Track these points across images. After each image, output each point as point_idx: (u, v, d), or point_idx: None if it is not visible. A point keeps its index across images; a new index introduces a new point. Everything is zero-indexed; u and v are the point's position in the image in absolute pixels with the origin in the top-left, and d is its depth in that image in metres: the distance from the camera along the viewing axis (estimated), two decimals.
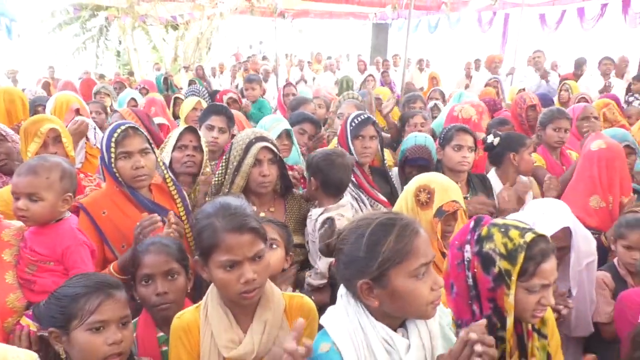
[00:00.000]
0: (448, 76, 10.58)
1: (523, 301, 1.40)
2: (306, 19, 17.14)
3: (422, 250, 1.25)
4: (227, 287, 1.41)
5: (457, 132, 2.83)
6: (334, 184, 2.36)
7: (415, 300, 1.24)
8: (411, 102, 4.85)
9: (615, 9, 11.51)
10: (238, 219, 1.41)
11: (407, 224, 1.27)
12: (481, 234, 1.44)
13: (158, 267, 1.77)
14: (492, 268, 1.40)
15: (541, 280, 1.40)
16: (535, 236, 1.40)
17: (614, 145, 2.75)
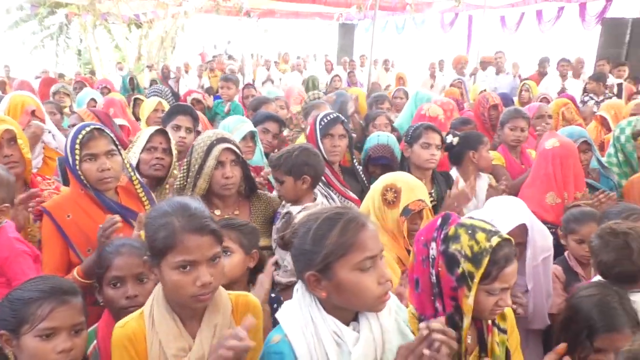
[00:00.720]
0: (414, 76, 10.75)
1: (482, 302, 1.43)
2: (272, 18, 17.10)
3: (368, 243, 1.27)
4: (180, 290, 1.35)
5: (426, 130, 2.89)
6: (321, 174, 2.41)
7: (360, 292, 1.26)
8: (379, 102, 4.91)
9: (572, 12, 11.94)
10: (198, 219, 1.37)
11: (352, 218, 1.29)
12: (448, 233, 1.45)
13: (129, 269, 1.73)
14: (456, 269, 1.42)
15: (502, 284, 1.42)
16: (501, 240, 1.42)
17: (567, 143, 2.86)
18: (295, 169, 2.33)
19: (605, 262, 1.82)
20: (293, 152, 2.36)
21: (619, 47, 9.04)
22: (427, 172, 2.87)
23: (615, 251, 1.78)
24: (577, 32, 11.84)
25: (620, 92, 7.08)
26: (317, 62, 14.78)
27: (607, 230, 1.84)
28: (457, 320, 1.44)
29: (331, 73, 9.69)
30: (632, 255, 1.74)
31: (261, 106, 4.19)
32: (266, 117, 3.48)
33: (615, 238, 1.80)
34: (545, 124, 3.81)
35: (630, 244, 1.75)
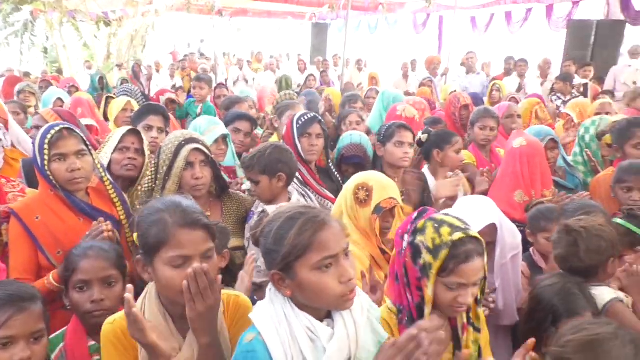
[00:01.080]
0: (386, 76, 10.83)
1: (441, 296, 1.46)
2: (245, 17, 17.00)
3: (327, 243, 1.26)
4: (174, 286, 1.33)
5: (398, 129, 2.91)
6: (295, 171, 2.42)
7: (321, 292, 1.26)
8: (352, 101, 4.93)
9: (539, 14, 12.22)
10: (191, 215, 1.37)
11: (311, 217, 1.28)
12: (417, 226, 1.50)
13: (95, 273, 1.70)
14: (418, 259, 1.47)
15: (459, 279, 1.45)
16: (465, 236, 1.44)
17: (534, 142, 2.92)
18: (270, 167, 2.32)
19: (558, 256, 1.91)
20: (265, 150, 2.35)
21: (585, 48, 9.29)
22: (399, 171, 2.90)
23: (566, 247, 1.86)
24: (545, 33, 12.12)
25: (585, 92, 7.27)
26: (291, 61, 14.75)
27: (563, 226, 1.91)
28: (423, 310, 1.48)
29: (305, 72, 9.68)
30: (579, 253, 1.81)
31: (233, 106, 4.16)
32: (237, 116, 3.47)
33: (567, 235, 1.87)
34: (514, 123, 3.88)
35: (579, 243, 1.82)
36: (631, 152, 2.92)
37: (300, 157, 2.74)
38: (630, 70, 7.75)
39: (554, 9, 11.76)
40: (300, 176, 2.73)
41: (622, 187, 2.59)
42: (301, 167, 2.73)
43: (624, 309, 1.79)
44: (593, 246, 1.81)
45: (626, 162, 2.73)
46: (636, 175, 2.56)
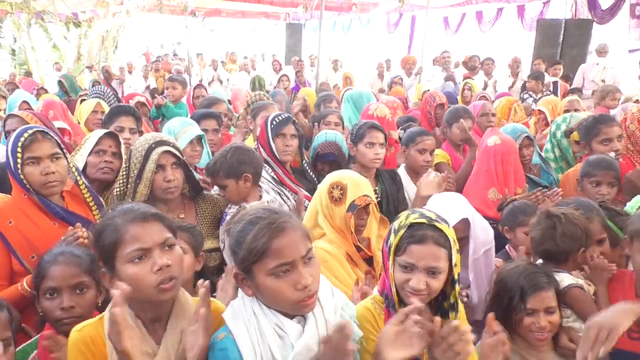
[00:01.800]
0: (361, 76, 10.89)
1: (396, 276, 1.50)
2: (218, 18, 16.88)
3: (282, 250, 1.26)
4: (139, 282, 1.30)
5: (369, 130, 2.91)
6: (261, 169, 2.43)
7: (276, 298, 1.28)
8: (327, 101, 4.93)
9: (511, 14, 12.45)
10: (140, 209, 1.37)
11: (269, 223, 1.28)
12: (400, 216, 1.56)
13: (65, 279, 1.66)
14: (388, 240, 1.53)
15: (407, 259, 1.46)
16: (426, 222, 1.47)
17: (508, 140, 2.97)
18: (234, 170, 2.33)
19: (534, 239, 1.98)
20: (226, 154, 2.35)
21: (554, 47, 9.49)
22: (371, 171, 2.91)
23: (543, 230, 1.94)
24: (515, 32, 12.36)
25: (555, 90, 7.44)
26: (265, 62, 14.70)
27: (544, 212, 1.99)
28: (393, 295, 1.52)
29: (279, 73, 9.65)
30: (555, 236, 1.90)
31: (211, 107, 4.12)
32: (201, 115, 3.44)
33: (547, 219, 1.95)
34: (489, 122, 3.92)
35: (557, 226, 1.90)
36: (597, 148, 2.97)
37: (275, 158, 2.74)
38: (598, 68, 7.95)
39: (526, 9, 12.01)
40: (276, 176, 2.73)
41: (590, 181, 2.63)
42: (276, 167, 2.74)
43: (581, 294, 1.87)
44: (569, 232, 1.89)
45: (593, 157, 2.78)
46: (604, 169, 2.61)
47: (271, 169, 2.74)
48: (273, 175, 2.73)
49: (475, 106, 4.15)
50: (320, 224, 2.15)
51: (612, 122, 3.05)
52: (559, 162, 3.50)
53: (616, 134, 2.96)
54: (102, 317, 1.42)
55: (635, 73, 8.07)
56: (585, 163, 2.75)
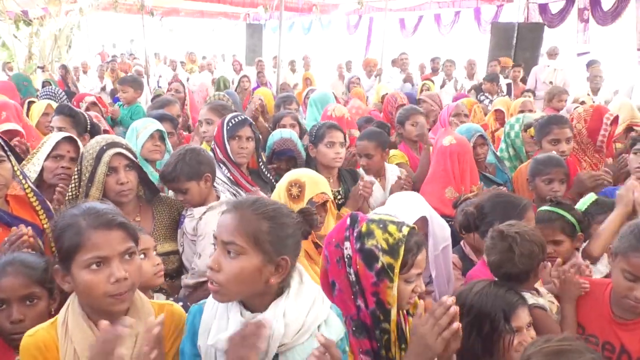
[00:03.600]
0: (322, 77, 10.92)
1: (402, 291, 1.48)
2: (177, 17, 16.61)
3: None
4: (93, 290, 1.29)
5: (329, 130, 2.93)
6: (215, 168, 2.42)
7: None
8: (286, 103, 4.92)
9: (468, 17, 12.77)
10: (106, 216, 1.33)
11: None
12: (361, 231, 1.49)
13: (14, 291, 1.59)
14: (375, 264, 1.46)
15: (417, 270, 1.49)
16: (410, 229, 1.50)
17: (462, 140, 3.04)
18: (195, 171, 2.29)
19: (492, 263, 1.88)
20: (184, 157, 2.30)
21: (508, 49, 9.78)
22: (333, 171, 2.93)
23: (500, 253, 1.83)
24: (471, 35, 12.67)
25: (510, 92, 7.67)
26: (226, 62, 14.56)
27: (497, 233, 1.88)
28: (378, 315, 1.48)
29: (240, 73, 9.57)
30: (514, 259, 1.80)
31: (164, 107, 4.05)
32: (155, 118, 3.37)
33: (502, 241, 1.84)
34: (461, 122, 3.95)
35: (514, 248, 1.81)
36: (546, 146, 3.06)
37: (230, 159, 2.72)
38: (549, 70, 8.25)
39: (482, 12, 12.34)
40: (231, 177, 2.72)
41: (542, 179, 2.68)
42: (232, 168, 2.73)
43: (543, 315, 1.79)
44: (526, 251, 1.81)
45: (542, 156, 2.84)
46: (555, 167, 2.67)
47: (227, 170, 2.72)
48: (229, 176, 2.72)
49: (449, 106, 4.22)
50: None
51: (564, 124, 3.12)
52: (513, 161, 3.60)
53: (566, 136, 3.06)
54: (55, 320, 1.39)
55: (584, 75, 8.40)
56: (534, 162, 2.80)
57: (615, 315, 1.76)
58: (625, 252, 1.65)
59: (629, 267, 1.65)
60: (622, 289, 1.69)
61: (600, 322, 1.74)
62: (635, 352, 1.72)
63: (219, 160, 2.73)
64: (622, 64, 9.71)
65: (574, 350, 1.24)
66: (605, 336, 1.75)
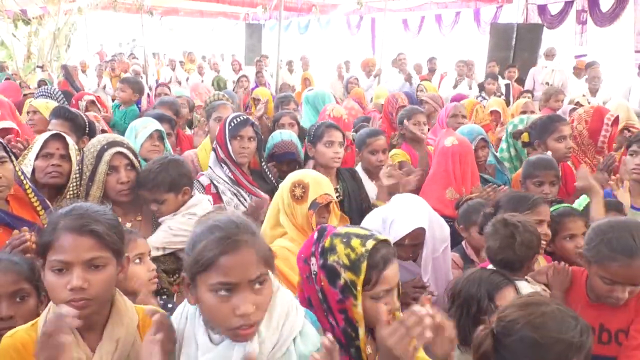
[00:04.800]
0: (322, 77, 10.92)
1: (370, 309, 1.40)
2: (176, 17, 16.59)
3: (228, 268, 1.16)
4: (52, 293, 1.28)
5: (327, 129, 2.93)
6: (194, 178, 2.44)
7: (213, 316, 1.20)
8: (284, 103, 4.92)
9: (468, 17, 12.79)
10: (81, 220, 1.29)
11: (225, 236, 1.18)
12: (325, 246, 1.45)
13: (3, 287, 1.58)
14: (338, 280, 1.40)
15: (384, 287, 1.41)
16: (376, 243, 1.41)
17: (464, 141, 3.04)
18: (174, 184, 2.23)
19: (491, 248, 1.97)
20: (166, 167, 2.23)
21: (507, 50, 9.78)
22: (332, 170, 2.92)
23: (501, 239, 1.93)
24: (473, 35, 12.69)
25: (508, 92, 7.68)
26: (225, 62, 14.54)
27: (500, 220, 1.98)
28: (350, 333, 1.42)
29: (239, 73, 9.56)
30: (515, 245, 1.89)
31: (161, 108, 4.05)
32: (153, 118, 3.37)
33: (504, 228, 1.94)
34: (458, 123, 3.96)
35: (516, 235, 1.90)
36: (553, 145, 3.06)
37: (232, 159, 2.72)
38: (546, 71, 8.27)
39: (481, 13, 12.35)
40: (233, 177, 2.72)
41: (533, 182, 2.69)
42: (233, 168, 2.73)
43: None
44: (527, 240, 1.90)
45: (533, 158, 2.86)
46: (545, 169, 2.68)
47: (228, 170, 2.72)
48: (230, 176, 2.71)
49: (447, 107, 4.22)
50: (281, 222, 2.18)
51: (565, 120, 3.19)
52: (514, 162, 3.60)
53: (569, 132, 3.09)
54: (36, 322, 1.37)
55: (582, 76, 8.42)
56: (526, 164, 2.81)
57: (592, 299, 1.87)
58: (602, 262, 1.71)
59: (607, 275, 1.72)
60: (602, 291, 1.78)
61: (578, 307, 1.80)
62: (614, 327, 1.83)
63: (220, 160, 2.73)
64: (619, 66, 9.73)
65: (542, 302, 1.37)
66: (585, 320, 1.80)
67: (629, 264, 1.65)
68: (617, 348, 1.83)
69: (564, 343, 1.27)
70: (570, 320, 1.31)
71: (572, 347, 1.28)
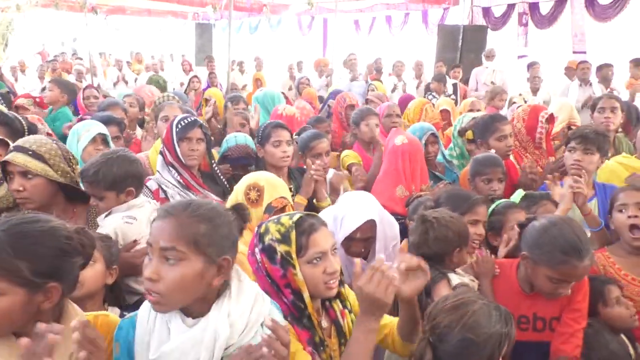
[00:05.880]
0: (274, 77, 10.88)
1: (311, 275, 1.49)
2: (123, 16, 16.12)
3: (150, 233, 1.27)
4: None
5: (274, 129, 2.90)
6: (144, 180, 2.39)
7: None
8: (234, 103, 4.87)
9: (416, 19, 13.07)
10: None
11: (165, 206, 1.32)
12: (261, 232, 1.54)
13: None
14: (275, 256, 1.49)
15: (316, 249, 1.49)
16: (303, 215, 1.54)
17: (413, 140, 3.10)
18: (118, 182, 2.13)
19: (412, 243, 2.04)
20: (112, 164, 2.13)
21: (454, 51, 10.06)
22: (282, 170, 2.91)
23: (419, 235, 2.00)
24: (421, 36, 12.98)
25: (456, 91, 7.91)
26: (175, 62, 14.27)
27: (419, 216, 2.05)
28: (299, 304, 1.50)
29: (190, 74, 9.38)
30: (428, 242, 1.96)
31: (109, 109, 3.92)
32: (99, 120, 3.26)
33: (422, 224, 2.00)
34: (392, 122, 4.05)
35: (429, 232, 1.97)
36: (494, 144, 3.16)
37: (181, 162, 2.65)
38: (488, 71, 8.57)
39: (429, 14, 12.66)
40: (182, 180, 2.64)
41: (482, 179, 2.77)
42: (182, 171, 2.64)
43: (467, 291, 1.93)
44: (441, 235, 1.96)
45: (481, 156, 2.94)
46: (492, 166, 2.77)
47: (177, 173, 2.64)
48: (179, 179, 2.63)
49: (381, 107, 4.29)
50: None
51: (505, 120, 3.30)
52: (461, 160, 3.70)
53: (509, 131, 3.20)
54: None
55: (524, 76, 8.77)
56: (473, 162, 2.89)
57: (524, 290, 1.96)
58: (554, 265, 1.78)
59: (556, 275, 1.80)
60: (549, 289, 1.86)
61: (512, 299, 1.89)
62: (548, 315, 1.94)
63: (168, 163, 2.65)
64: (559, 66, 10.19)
65: (468, 301, 1.43)
66: (518, 311, 1.91)
67: (577, 266, 1.76)
68: (550, 334, 1.93)
69: (496, 335, 1.37)
70: (495, 313, 1.41)
71: (502, 337, 1.38)
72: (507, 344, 1.39)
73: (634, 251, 2.23)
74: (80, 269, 1.35)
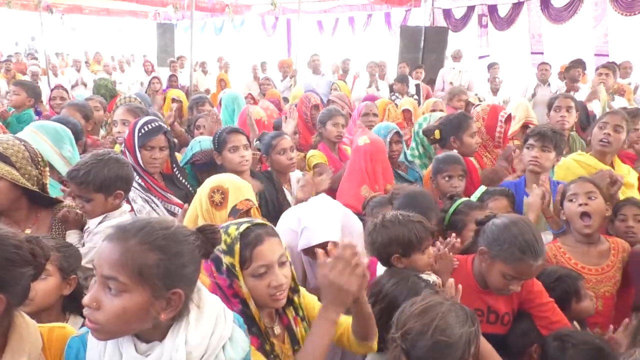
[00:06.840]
0: (238, 78, 10.79)
1: (256, 290, 1.47)
2: (80, 15, 15.69)
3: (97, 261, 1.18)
4: None
5: (229, 135, 2.86)
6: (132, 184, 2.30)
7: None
8: (199, 104, 4.81)
9: (379, 20, 13.22)
10: None
11: (116, 228, 1.19)
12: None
13: None
14: (222, 267, 1.47)
15: (260, 262, 1.46)
16: (250, 225, 1.50)
17: (376, 140, 3.13)
18: (107, 185, 2.08)
19: (366, 243, 2.03)
20: (103, 166, 2.08)
21: (416, 52, 10.20)
22: (244, 175, 2.86)
23: (369, 235, 1.99)
24: (384, 37, 13.14)
25: (419, 92, 8.03)
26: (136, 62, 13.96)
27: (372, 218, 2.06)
28: (248, 313, 1.48)
29: (151, 75, 9.19)
30: (376, 245, 1.96)
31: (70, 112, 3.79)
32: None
33: (372, 225, 2.00)
34: (369, 121, 4.02)
35: (372, 234, 1.96)
36: (468, 140, 3.22)
37: (142, 167, 2.57)
38: (454, 72, 8.74)
39: (391, 16, 12.82)
40: (143, 182, 2.56)
41: (443, 176, 2.84)
42: (143, 175, 2.57)
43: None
44: (384, 239, 1.94)
45: (441, 155, 3.02)
46: (453, 164, 2.84)
47: (138, 176, 2.56)
48: (140, 183, 2.55)
49: (359, 106, 4.30)
50: None
51: (473, 118, 3.40)
52: (423, 159, 3.75)
53: (477, 129, 3.32)
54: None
55: (485, 77, 8.98)
56: (435, 161, 2.96)
57: (481, 286, 2.02)
58: (511, 262, 1.83)
59: (510, 272, 1.85)
60: (500, 285, 1.92)
61: (468, 293, 1.91)
62: (501, 310, 2.02)
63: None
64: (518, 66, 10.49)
65: (436, 304, 1.44)
66: (474, 304, 1.96)
67: (531, 265, 1.81)
68: (502, 327, 2.03)
69: (466, 335, 1.39)
70: (461, 312, 1.43)
71: (471, 336, 1.40)
72: (475, 343, 1.41)
73: (584, 239, 2.35)
74: (31, 279, 1.25)
